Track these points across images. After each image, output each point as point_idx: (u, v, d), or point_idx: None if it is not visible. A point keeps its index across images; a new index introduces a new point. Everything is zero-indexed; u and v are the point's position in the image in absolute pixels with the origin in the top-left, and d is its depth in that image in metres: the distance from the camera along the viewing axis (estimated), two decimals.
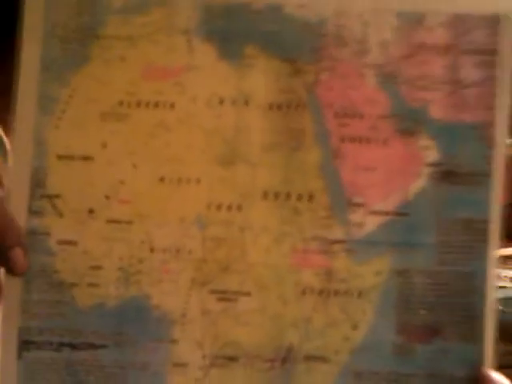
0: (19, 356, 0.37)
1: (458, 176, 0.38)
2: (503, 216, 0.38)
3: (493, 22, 0.38)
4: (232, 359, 0.38)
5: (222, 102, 0.38)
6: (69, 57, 0.38)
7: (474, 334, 0.38)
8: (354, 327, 0.38)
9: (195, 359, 0.38)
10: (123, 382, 0.38)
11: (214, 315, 0.38)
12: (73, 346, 0.38)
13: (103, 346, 0.38)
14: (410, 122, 0.38)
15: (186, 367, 0.38)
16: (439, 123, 0.38)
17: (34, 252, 0.38)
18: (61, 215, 0.38)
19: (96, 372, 0.38)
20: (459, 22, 0.38)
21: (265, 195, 0.38)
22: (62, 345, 0.38)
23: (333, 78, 0.38)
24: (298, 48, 0.38)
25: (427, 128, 0.38)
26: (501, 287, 0.99)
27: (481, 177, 0.38)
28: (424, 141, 0.38)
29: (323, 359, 0.38)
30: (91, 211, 0.38)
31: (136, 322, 0.38)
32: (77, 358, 0.38)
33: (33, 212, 0.38)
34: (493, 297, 0.38)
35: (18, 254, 0.36)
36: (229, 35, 0.38)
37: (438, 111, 0.38)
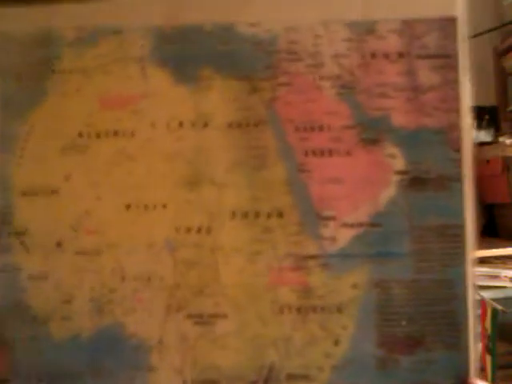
0: None
1: (427, 182, 0.37)
2: (503, 216, 0.37)
3: (445, 25, 0.37)
4: (213, 383, 0.37)
5: (181, 125, 0.37)
6: (26, 93, 0.37)
7: (457, 342, 0.36)
8: (336, 343, 0.37)
9: None
10: None
11: (191, 340, 0.37)
12: (50, 381, 0.37)
13: (81, 378, 0.37)
14: (372, 131, 0.37)
15: None
16: (402, 130, 0.37)
17: (7, 288, 0.37)
18: (29, 251, 0.37)
19: None
20: (410, 28, 0.37)
21: (233, 215, 0.37)
22: (39, 380, 0.37)
23: (290, 93, 0.37)
24: (252, 66, 0.37)
25: (391, 136, 0.37)
26: (501, 287, 0.98)
27: (450, 181, 0.36)
28: (389, 149, 0.37)
29: (306, 377, 0.37)
30: (59, 244, 0.37)
31: (112, 352, 0.37)
32: None
33: (2, 250, 0.37)
34: (473, 302, 0.37)
35: None
36: (183, 59, 0.37)
37: (399, 118, 0.37)
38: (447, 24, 0.36)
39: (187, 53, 0.37)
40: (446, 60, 0.37)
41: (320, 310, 0.37)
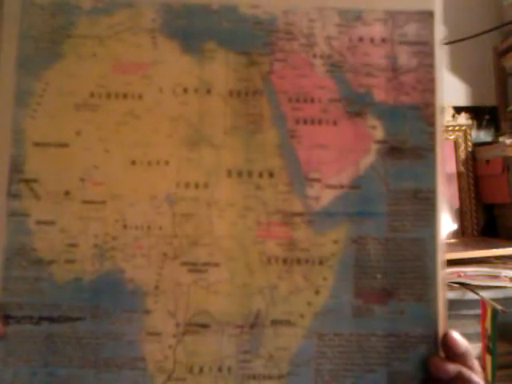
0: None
1: (403, 151, 0.42)
2: (503, 216, 0.41)
3: (423, 17, 0.43)
4: (204, 326, 0.39)
5: (186, 90, 0.41)
6: (43, 54, 0.40)
7: (426, 295, 0.40)
8: (317, 292, 0.41)
9: (168, 328, 0.39)
10: (99, 351, 0.39)
11: (185, 286, 0.40)
12: (51, 320, 0.39)
13: (80, 319, 0.39)
14: (356, 105, 0.42)
15: (159, 335, 0.39)
16: (383, 105, 0.42)
17: (14, 232, 0.39)
18: (38, 197, 0.40)
19: (73, 343, 0.38)
20: (393, 18, 0.42)
21: (229, 173, 0.40)
22: (41, 319, 0.39)
23: (285, 68, 0.42)
24: (252, 42, 0.41)
25: (372, 110, 0.42)
26: (501, 287, 0.99)
27: (423, 151, 0.41)
28: (370, 121, 0.42)
29: (289, 323, 0.40)
30: (67, 193, 0.40)
31: (111, 295, 0.39)
32: (55, 331, 0.39)
33: (12, 195, 0.39)
34: (442, 259, 0.41)
35: None
36: (189, 33, 0.41)
37: (380, 94, 0.42)
38: (425, 16, 0.42)
39: (194, 27, 0.41)
40: (423, 47, 0.42)
41: (304, 262, 0.40)
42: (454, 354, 0.39)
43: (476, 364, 0.40)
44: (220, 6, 0.41)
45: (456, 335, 0.40)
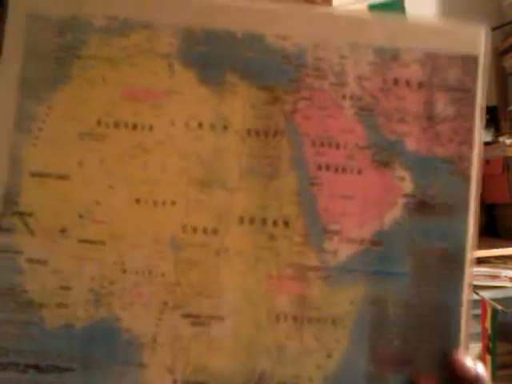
0: None
1: (432, 207, 0.37)
2: (503, 216, 0.37)
3: (467, 62, 0.38)
4: None
5: (200, 125, 0.36)
6: (48, 76, 0.35)
7: (446, 366, 0.37)
8: (328, 355, 0.36)
9: None
10: None
11: (185, 340, 0.35)
12: (39, 369, 0.34)
13: (70, 369, 0.34)
14: (385, 154, 0.37)
15: None
16: (414, 156, 0.36)
17: (3, 270, 0.34)
18: (32, 233, 0.35)
19: None
20: (433, 60, 0.37)
21: (241, 220, 0.36)
22: (27, 366, 0.34)
23: (311, 108, 0.37)
24: (277, 77, 0.36)
25: (402, 160, 0.36)
26: (501, 287, 0.97)
27: (455, 209, 0.36)
28: (399, 172, 0.37)
29: None
30: (63, 230, 0.35)
31: (104, 345, 0.35)
32: (42, 381, 0.34)
33: (3, 229, 0.34)
34: (467, 329, 0.37)
35: None
36: (210, 62, 0.36)
37: (413, 144, 0.37)
38: (469, 61, 0.37)
39: (215, 56, 0.36)
40: (464, 94, 0.37)
41: (315, 322, 0.36)
42: (462, 381, 0.35)
43: None
44: (245, 34, 0.37)
45: (464, 359, 0.35)
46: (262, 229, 0.36)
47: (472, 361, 0.36)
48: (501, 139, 1.19)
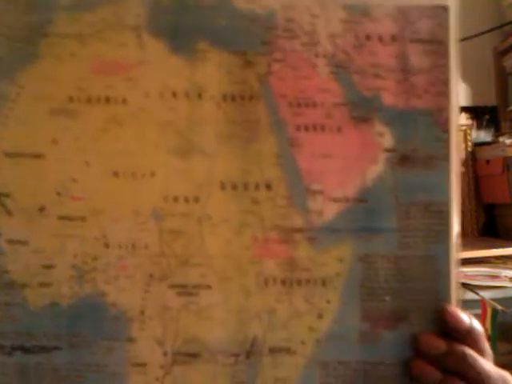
0: None
1: (414, 160, 0.37)
2: (503, 216, 0.37)
3: (438, 13, 0.38)
4: (194, 356, 0.34)
5: (174, 95, 0.35)
6: (16, 55, 0.35)
7: (439, 318, 0.36)
8: (319, 317, 0.36)
9: (155, 357, 0.34)
10: None
11: (174, 311, 0.34)
12: (25, 350, 0.33)
13: (57, 348, 0.34)
14: (363, 110, 0.36)
15: (145, 366, 0.34)
16: (392, 110, 0.36)
17: None
18: (10, 214, 0.34)
19: (50, 376, 0.33)
20: (404, 13, 0.37)
21: (222, 186, 0.35)
22: (13, 348, 0.34)
23: (285, 69, 0.36)
24: (248, 41, 0.35)
25: (380, 115, 0.36)
26: (501, 287, 0.96)
27: (437, 161, 0.35)
28: (378, 127, 0.36)
29: (289, 351, 0.35)
30: (42, 209, 0.34)
31: (91, 322, 0.34)
32: (29, 362, 0.33)
33: None
34: (456, 280, 0.37)
35: None
36: (179, 30, 0.35)
37: (390, 98, 0.36)
38: (439, 12, 0.36)
39: (184, 24, 0.36)
40: (437, 46, 0.36)
41: (305, 283, 0.36)
42: (455, 332, 0.34)
43: (485, 346, 0.35)
44: (213, 0, 0.36)
45: (457, 310, 0.35)
46: (245, 193, 0.35)
47: (465, 313, 0.35)
48: (501, 139, 1.19)
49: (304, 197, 0.36)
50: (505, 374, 0.35)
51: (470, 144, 1.27)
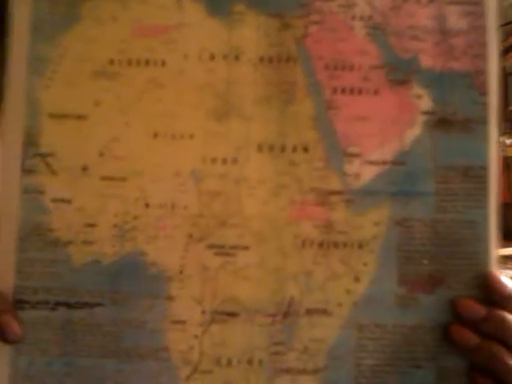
0: None
1: (453, 123, 0.36)
2: (504, 216, 0.36)
3: None
4: (232, 315, 0.34)
5: (212, 57, 0.35)
6: (59, 17, 0.35)
7: (478, 283, 0.35)
8: (356, 279, 0.36)
9: (194, 316, 0.34)
10: (120, 340, 0.34)
11: (212, 271, 0.34)
12: (68, 305, 0.34)
13: (99, 305, 0.34)
14: (401, 72, 0.35)
15: (184, 324, 0.34)
16: (430, 72, 0.35)
17: (29, 211, 0.34)
18: (54, 173, 0.35)
19: (92, 331, 0.34)
20: None
21: (260, 148, 0.35)
22: (57, 304, 0.34)
23: (321, 31, 0.36)
24: (285, 3, 0.35)
25: (418, 77, 0.35)
26: None
27: (476, 124, 0.35)
28: (416, 90, 0.35)
29: (325, 312, 0.35)
30: (85, 168, 0.35)
31: (132, 280, 0.34)
32: (73, 317, 0.34)
33: (26, 171, 0.34)
34: (496, 244, 0.36)
35: (7, 322, 0.33)
36: None
37: (427, 61, 0.35)
38: None
39: None
40: (475, 7, 0.36)
41: (342, 246, 0.35)
42: (496, 298, 0.34)
43: None
44: None
45: (499, 274, 0.34)
46: (282, 155, 0.35)
47: (507, 278, 0.35)
48: (501, 139, 1.17)
49: (341, 159, 0.35)
50: None
51: None
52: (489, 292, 0.34)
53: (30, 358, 0.34)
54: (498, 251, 0.36)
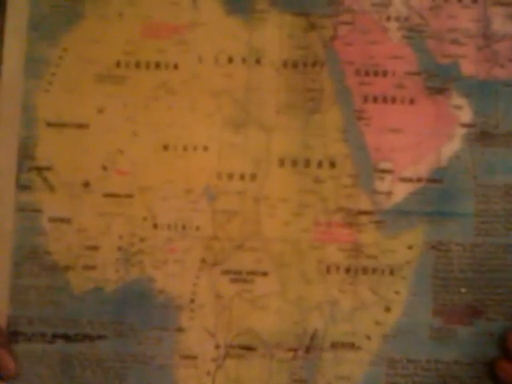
0: None
1: (495, 137, 0.32)
2: None
3: None
4: (249, 349, 0.31)
5: (230, 60, 0.32)
6: (59, 14, 0.31)
7: None
8: (387, 309, 0.32)
9: (206, 350, 0.31)
10: (124, 377, 0.30)
11: (227, 299, 0.31)
12: (67, 338, 0.30)
13: (101, 337, 0.30)
14: (439, 79, 0.32)
15: (195, 359, 0.30)
16: (471, 80, 0.32)
17: (24, 231, 0.31)
18: (52, 189, 0.31)
19: (94, 366, 0.30)
20: None
21: (281, 162, 0.32)
22: (55, 336, 0.31)
23: (352, 33, 0.33)
24: (312, 1, 0.32)
25: (458, 85, 0.32)
26: None
27: None
28: (455, 99, 0.32)
29: (353, 346, 0.31)
30: (86, 184, 0.31)
31: (138, 309, 0.30)
32: (72, 351, 0.30)
33: (21, 187, 0.31)
34: None
35: (1, 356, 0.30)
36: None
37: (469, 67, 0.32)
38: None
39: None
40: None
41: (371, 272, 0.32)
42: None
43: None
44: None
45: None
46: (306, 171, 0.32)
47: None
48: None
49: (371, 176, 0.32)
50: None
51: None
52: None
53: None
54: None
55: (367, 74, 0.32)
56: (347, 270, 0.31)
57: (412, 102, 0.32)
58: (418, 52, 0.32)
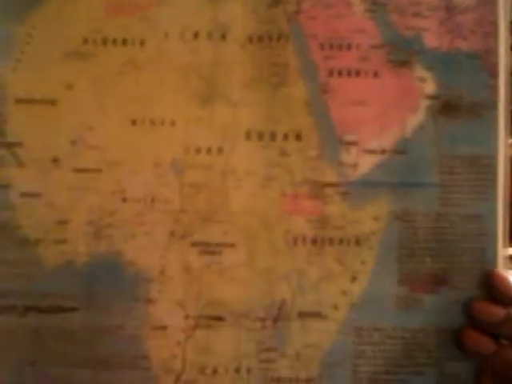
0: None
1: (459, 109, 0.33)
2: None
3: None
4: (218, 319, 0.31)
5: (196, 35, 0.32)
6: None
7: (484, 282, 0.32)
8: (353, 279, 0.33)
9: (176, 320, 0.31)
10: (95, 347, 0.30)
11: (195, 271, 0.31)
12: (39, 310, 0.31)
13: (73, 309, 0.31)
14: (402, 52, 0.32)
15: (165, 330, 0.31)
16: (435, 52, 0.32)
17: None
18: (22, 165, 0.31)
19: (65, 338, 0.30)
20: None
21: (248, 136, 0.31)
22: (27, 309, 0.31)
23: (316, 7, 0.32)
24: None
25: (422, 58, 0.32)
26: None
27: (484, 109, 0.31)
28: (419, 72, 0.32)
29: (320, 315, 0.31)
30: (56, 160, 0.31)
31: (108, 282, 0.31)
32: (44, 323, 0.31)
33: None
34: (504, 239, 0.33)
35: None
36: None
37: (432, 39, 0.32)
38: None
39: None
40: None
41: (337, 243, 0.32)
42: (503, 298, 0.30)
43: None
44: None
45: (505, 273, 0.31)
46: (272, 144, 0.32)
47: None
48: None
49: (337, 148, 0.32)
50: None
51: None
52: (494, 292, 0.31)
53: None
54: (507, 250, 0.33)
55: (331, 47, 0.32)
56: (314, 241, 0.32)
57: (376, 74, 0.32)
58: (382, 25, 0.32)
